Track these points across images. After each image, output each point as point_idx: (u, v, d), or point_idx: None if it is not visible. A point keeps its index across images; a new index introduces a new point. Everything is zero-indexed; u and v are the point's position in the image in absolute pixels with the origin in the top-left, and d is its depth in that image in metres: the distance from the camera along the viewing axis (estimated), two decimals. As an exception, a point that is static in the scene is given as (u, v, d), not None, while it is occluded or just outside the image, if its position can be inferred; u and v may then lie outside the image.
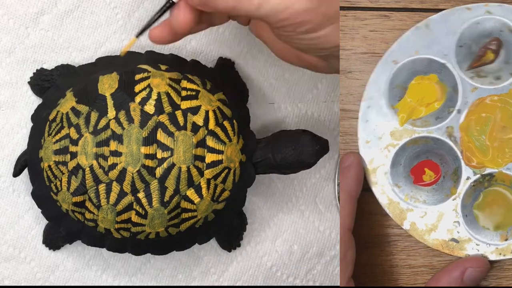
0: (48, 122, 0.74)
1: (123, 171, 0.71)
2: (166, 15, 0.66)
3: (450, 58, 0.72)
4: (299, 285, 0.84)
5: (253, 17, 0.65)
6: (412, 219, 0.72)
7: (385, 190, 0.72)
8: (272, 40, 0.69)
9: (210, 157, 0.72)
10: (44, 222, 0.79)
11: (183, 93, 0.73)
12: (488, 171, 0.72)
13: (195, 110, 0.72)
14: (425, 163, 0.73)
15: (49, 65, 0.78)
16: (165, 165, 0.71)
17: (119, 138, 0.71)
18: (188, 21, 0.65)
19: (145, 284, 0.82)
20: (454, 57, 0.72)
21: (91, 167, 0.71)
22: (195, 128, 0.72)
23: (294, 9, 0.62)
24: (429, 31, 0.72)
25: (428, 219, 0.72)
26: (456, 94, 0.72)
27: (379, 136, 0.72)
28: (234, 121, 0.74)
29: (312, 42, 0.65)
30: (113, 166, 0.71)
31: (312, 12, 0.63)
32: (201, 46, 0.80)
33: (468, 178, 0.72)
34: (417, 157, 0.73)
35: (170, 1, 0.65)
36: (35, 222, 0.79)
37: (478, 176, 0.72)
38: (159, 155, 0.71)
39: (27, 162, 0.75)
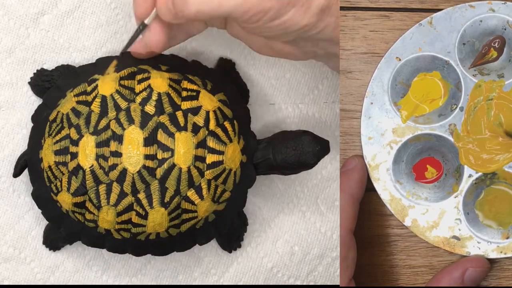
0: (49, 123, 0.73)
1: (124, 172, 0.71)
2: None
3: (453, 56, 0.72)
4: (300, 285, 0.84)
5: (218, 15, 0.68)
6: (414, 216, 0.72)
7: (387, 187, 0.72)
8: (247, 37, 0.72)
9: (210, 158, 0.72)
10: (44, 222, 0.79)
11: (184, 93, 0.73)
12: (490, 169, 0.72)
13: (195, 111, 0.72)
14: (427, 160, 0.73)
15: (50, 66, 0.78)
16: (165, 165, 0.71)
17: (119, 139, 0.71)
18: (160, 41, 0.71)
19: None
20: (457, 55, 0.72)
21: (91, 168, 0.71)
22: (196, 128, 0.72)
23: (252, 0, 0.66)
24: (432, 28, 0.72)
25: (429, 216, 0.72)
26: (458, 91, 0.72)
27: (381, 133, 0.73)
28: (235, 121, 0.74)
29: (279, 28, 0.68)
30: (113, 166, 0.71)
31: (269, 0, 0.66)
32: (202, 46, 0.80)
33: (470, 176, 0.72)
34: (419, 154, 0.73)
35: (143, 24, 0.70)
36: (35, 222, 0.79)
37: (480, 174, 0.72)
38: (159, 156, 0.71)
39: (27, 163, 0.75)
